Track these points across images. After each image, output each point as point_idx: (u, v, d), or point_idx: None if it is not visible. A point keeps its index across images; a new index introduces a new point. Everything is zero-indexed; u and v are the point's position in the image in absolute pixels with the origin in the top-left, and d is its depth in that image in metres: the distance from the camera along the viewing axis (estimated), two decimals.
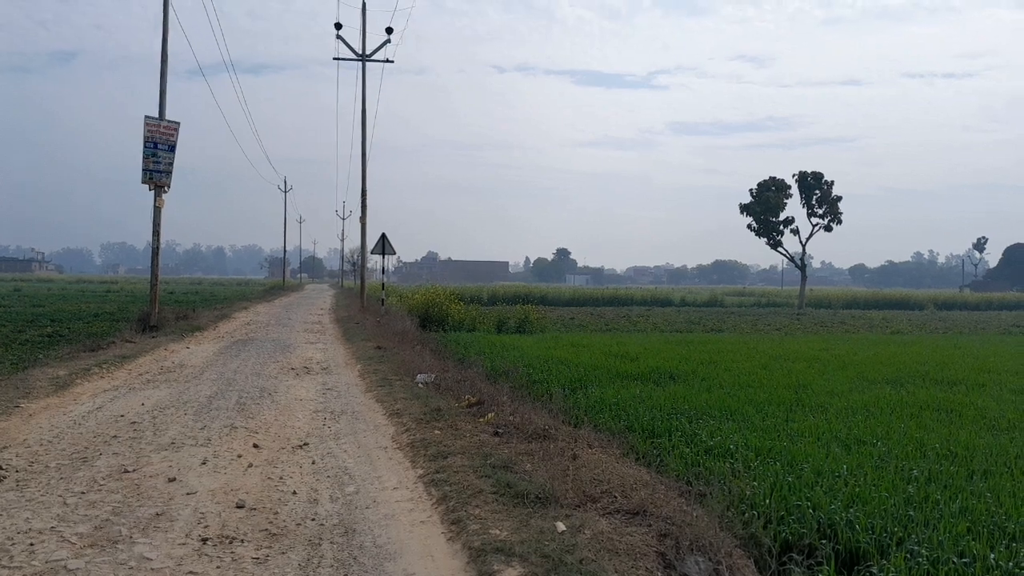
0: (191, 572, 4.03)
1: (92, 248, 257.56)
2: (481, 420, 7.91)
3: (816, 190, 51.68)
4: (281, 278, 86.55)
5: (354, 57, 28.50)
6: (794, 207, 52.83)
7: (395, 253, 27.78)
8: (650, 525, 4.59)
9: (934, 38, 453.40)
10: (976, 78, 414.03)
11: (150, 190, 18.70)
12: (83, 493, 5.31)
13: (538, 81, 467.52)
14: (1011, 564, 4.49)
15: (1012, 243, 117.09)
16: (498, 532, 4.44)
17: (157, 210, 18.78)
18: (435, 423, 7.68)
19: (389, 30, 27.63)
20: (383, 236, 26.83)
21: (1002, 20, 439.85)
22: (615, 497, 5.01)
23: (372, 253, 27.54)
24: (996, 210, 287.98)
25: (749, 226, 53.25)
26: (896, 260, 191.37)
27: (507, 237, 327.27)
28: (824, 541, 4.96)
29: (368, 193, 28.95)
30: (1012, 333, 28.51)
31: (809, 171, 51.84)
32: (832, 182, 51.67)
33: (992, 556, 4.57)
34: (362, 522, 4.91)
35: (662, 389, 10.92)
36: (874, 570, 4.50)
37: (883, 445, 7.47)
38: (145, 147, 18.39)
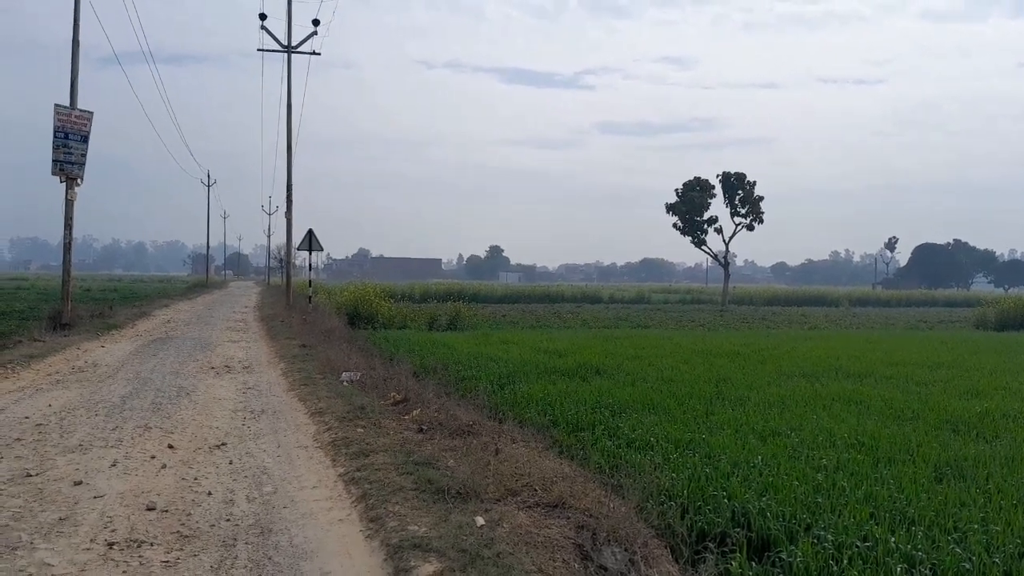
0: None
1: (1, 243, 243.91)
2: (406, 417, 7.86)
3: (739, 190, 53.10)
4: (204, 275, 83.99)
5: (280, 49, 27.81)
6: (718, 207, 54.24)
7: (323, 249, 27.27)
8: (568, 517, 4.64)
9: (845, 45, 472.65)
10: (885, 84, 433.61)
11: (61, 182, 17.87)
12: None
13: (467, 78, 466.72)
14: (909, 547, 4.72)
15: (921, 243, 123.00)
16: (417, 528, 4.42)
17: (69, 203, 17.97)
18: (358, 421, 7.58)
19: (316, 22, 27.04)
20: (310, 232, 26.34)
21: (906, 30, 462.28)
22: (535, 490, 5.05)
23: (299, 249, 26.97)
24: (906, 211, 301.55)
25: (675, 225, 54.43)
26: (815, 259, 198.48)
27: (440, 234, 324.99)
28: (738, 529, 5.12)
29: (296, 188, 28.37)
30: (919, 328, 29.95)
31: (732, 172, 53.23)
32: (754, 182, 53.18)
33: (892, 539, 4.80)
34: (279, 522, 4.82)
35: (588, 384, 11.06)
36: (783, 555, 4.67)
37: (796, 436, 7.75)
38: (55, 137, 17.56)
